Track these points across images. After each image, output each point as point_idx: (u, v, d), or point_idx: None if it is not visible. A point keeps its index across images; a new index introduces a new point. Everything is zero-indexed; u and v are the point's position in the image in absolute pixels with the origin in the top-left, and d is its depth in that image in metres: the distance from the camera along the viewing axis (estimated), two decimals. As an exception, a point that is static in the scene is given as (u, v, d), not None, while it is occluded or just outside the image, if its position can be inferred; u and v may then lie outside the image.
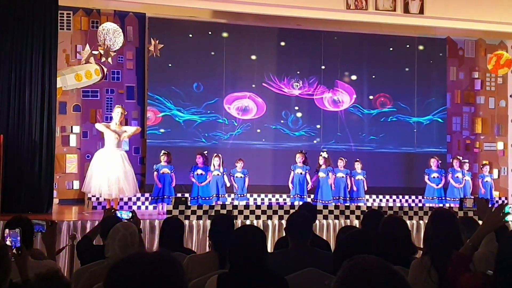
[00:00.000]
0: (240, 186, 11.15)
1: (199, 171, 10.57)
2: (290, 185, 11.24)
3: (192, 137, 12.67)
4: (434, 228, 3.46)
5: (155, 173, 10.40)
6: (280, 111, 13.29)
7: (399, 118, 13.85)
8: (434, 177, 11.79)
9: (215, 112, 12.87)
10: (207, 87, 12.84)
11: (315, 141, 13.31)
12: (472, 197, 10.90)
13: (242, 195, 11.16)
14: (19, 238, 3.59)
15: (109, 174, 9.56)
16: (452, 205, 11.17)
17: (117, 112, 10.01)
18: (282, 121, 13.26)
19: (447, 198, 11.79)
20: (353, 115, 13.64)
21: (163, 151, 10.66)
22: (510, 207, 3.26)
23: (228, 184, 11.12)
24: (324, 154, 11.48)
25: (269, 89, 13.19)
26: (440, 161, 12.15)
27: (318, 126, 13.40)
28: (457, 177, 11.92)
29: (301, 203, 9.79)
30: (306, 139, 13.24)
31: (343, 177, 11.64)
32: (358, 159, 12.05)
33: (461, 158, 12.59)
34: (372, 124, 13.74)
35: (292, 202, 10.81)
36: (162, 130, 12.47)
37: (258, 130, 13.12)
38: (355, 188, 11.79)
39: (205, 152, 10.98)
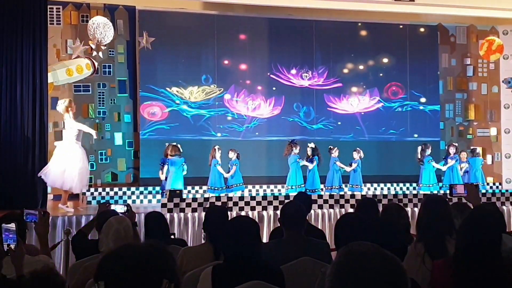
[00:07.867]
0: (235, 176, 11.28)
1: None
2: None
3: (202, 130, 12.65)
4: (427, 214, 3.46)
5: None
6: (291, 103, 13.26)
7: (405, 107, 13.96)
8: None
9: (223, 106, 12.86)
10: (209, 80, 12.82)
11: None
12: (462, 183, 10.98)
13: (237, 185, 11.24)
14: (15, 235, 3.56)
15: (68, 167, 9.23)
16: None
17: (62, 105, 9.49)
18: (299, 114, 13.25)
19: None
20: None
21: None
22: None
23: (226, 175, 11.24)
24: (312, 145, 11.62)
25: (277, 80, 13.19)
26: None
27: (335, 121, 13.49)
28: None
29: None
30: (323, 132, 13.24)
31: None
32: (357, 148, 12.11)
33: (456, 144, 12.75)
34: (384, 115, 13.83)
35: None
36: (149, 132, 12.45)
37: (274, 124, 13.09)
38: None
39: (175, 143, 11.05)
